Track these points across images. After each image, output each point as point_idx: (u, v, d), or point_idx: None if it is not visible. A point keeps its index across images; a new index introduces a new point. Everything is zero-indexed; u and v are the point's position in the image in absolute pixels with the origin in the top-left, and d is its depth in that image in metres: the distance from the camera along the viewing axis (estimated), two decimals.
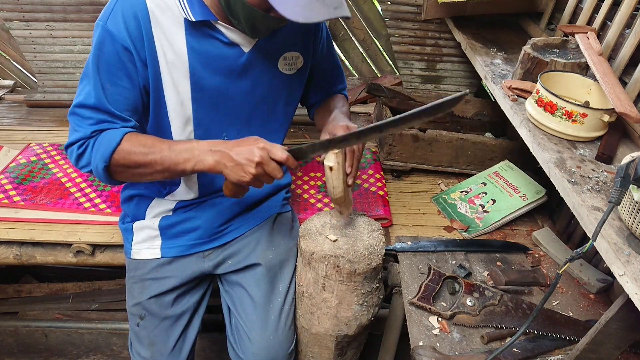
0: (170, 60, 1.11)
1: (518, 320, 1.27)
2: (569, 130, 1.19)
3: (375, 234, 1.31)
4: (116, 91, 1.09)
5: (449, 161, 1.82)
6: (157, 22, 1.08)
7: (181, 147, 1.10)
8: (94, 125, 1.10)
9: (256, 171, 1.05)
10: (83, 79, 1.11)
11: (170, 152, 1.09)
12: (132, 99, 1.12)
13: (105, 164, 1.09)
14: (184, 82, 1.15)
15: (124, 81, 1.10)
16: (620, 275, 0.86)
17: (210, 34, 1.12)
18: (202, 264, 1.36)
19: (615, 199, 0.86)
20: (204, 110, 1.20)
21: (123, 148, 1.09)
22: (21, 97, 2.22)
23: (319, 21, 0.98)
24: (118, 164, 1.10)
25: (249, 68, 1.19)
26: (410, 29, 2.16)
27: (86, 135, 1.10)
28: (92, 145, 1.10)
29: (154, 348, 1.33)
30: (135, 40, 1.07)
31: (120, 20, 1.05)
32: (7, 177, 1.67)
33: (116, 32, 1.05)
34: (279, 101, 1.31)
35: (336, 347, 1.38)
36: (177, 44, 1.11)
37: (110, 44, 1.06)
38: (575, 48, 1.39)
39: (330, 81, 1.47)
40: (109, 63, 1.08)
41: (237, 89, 1.21)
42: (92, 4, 1.98)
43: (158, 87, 1.14)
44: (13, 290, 2.07)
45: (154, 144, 1.10)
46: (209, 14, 1.09)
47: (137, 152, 1.09)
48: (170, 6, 1.08)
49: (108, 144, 1.08)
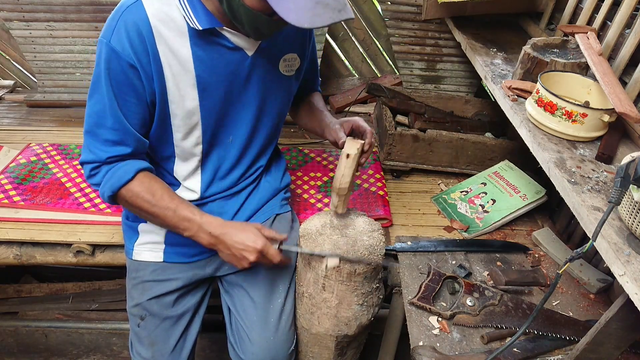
0: (176, 72, 1.12)
1: (518, 320, 1.27)
2: (569, 130, 1.19)
3: (375, 234, 1.31)
4: (126, 107, 1.11)
5: (449, 161, 1.82)
6: (161, 36, 1.08)
7: (184, 215, 1.16)
8: (110, 148, 1.13)
9: (250, 266, 1.18)
10: (93, 95, 1.12)
11: (174, 216, 1.15)
12: (141, 114, 1.14)
13: (111, 194, 1.14)
14: (192, 91, 1.15)
15: (131, 97, 1.11)
16: (620, 275, 0.86)
17: (215, 41, 1.12)
18: (204, 269, 1.36)
19: (615, 199, 0.86)
20: (211, 116, 1.21)
21: (132, 188, 1.14)
22: (21, 97, 2.23)
23: (323, 26, 0.97)
24: (123, 199, 1.16)
25: (253, 71, 1.20)
26: (410, 29, 2.16)
27: (101, 159, 1.14)
28: (105, 172, 1.14)
29: (155, 348, 1.33)
30: (140, 56, 1.07)
31: (124, 37, 1.05)
32: (7, 177, 1.66)
33: (121, 50, 1.06)
34: (279, 102, 1.31)
35: (336, 347, 1.38)
36: (183, 55, 1.11)
37: (116, 62, 1.07)
38: (575, 48, 1.39)
39: (312, 78, 1.50)
40: (118, 81, 1.09)
41: (242, 92, 1.22)
42: (92, 4, 1.98)
43: (164, 99, 1.14)
44: (13, 290, 2.07)
45: (162, 198, 1.15)
46: (214, 21, 1.09)
47: (144, 200, 1.14)
48: (173, 18, 1.08)
49: (119, 178, 1.13)
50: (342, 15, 0.97)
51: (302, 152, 1.94)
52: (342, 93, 2.32)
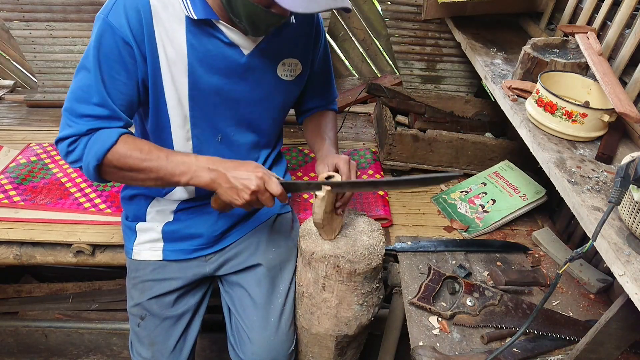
0: (170, 57, 1.11)
1: (518, 320, 1.27)
2: (569, 130, 1.19)
3: (375, 234, 1.31)
4: (113, 85, 1.09)
5: (449, 161, 1.82)
6: (159, 18, 1.08)
7: (179, 159, 1.11)
8: (90, 122, 1.08)
9: (250, 198, 1.09)
10: (80, 70, 1.09)
11: (168, 162, 1.10)
12: (128, 94, 1.11)
13: (97, 163, 1.08)
14: (182, 79, 1.14)
15: (121, 75, 1.09)
16: (620, 275, 0.86)
17: (210, 33, 1.12)
18: (204, 267, 1.36)
19: (615, 199, 0.86)
20: (200, 109, 1.20)
21: (118, 150, 1.08)
22: (21, 97, 2.23)
23: (319, 11, 0.97)
24: (111, 165, 1.10)
25: (248, 71, 1.19)
26: (410, 29, 2.16)
27: (80, 132, 1.08)
28: (86, 142, 1.09)
29: (155, 348, 1.33)
30: (136, 34, 1.06)
31: (122, 13, 1.05)
32: (7, 177, 1.67)
33: (117, 25, 1.05)
34: (275, 106, 1.30)
35: (336, 347, 1.38)
36: (178, 41, 1.11)
37: (110, 37, 1.06)
38: (575, 48, 1.39)
39: (325, 89, 1.48)
40: (108, 56, 1.07)
41: (234, 90, 1.21)
42: (92, 4, 1.99)
43: (157, 82, 1.13)
44: (13, 290, 2.07)
45: (151, 151, 1.10)
46: (210, 13, 1.09)
47: (133, 157, 1.09)
48: (172, 2, 1.08)
49: (103, 143, 1.07)
50: (338, 2, 0.97)
51: (302, 152, 1.94)
52: (342, 93, 2.33)
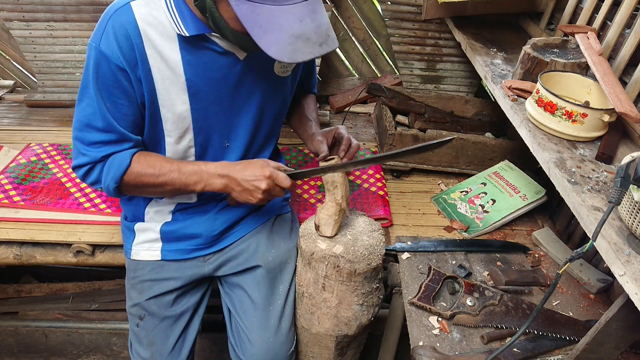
0: (165, 76, 1.12)
1: (518, 320, 1.27)
2: (569, 130, 1.19)
3: (375, 234, 1.31)
4: (116, 109, 1.12)
5: (449, 161, 1.81)
6: (149, 39, 1.08)
7: (190, 170, 1.17)
8: (102, 148, 1.14)
9: (263, 196, 1.16)
10: (82, 99, 1.13)
11: (180, 174, 1.16)
12: (132, 115, 1.15)
13: (116, 185, 1.15)
14: (182, 95, 1.15)
15: (122, 99, 1.12)
16: (620, 275, 0.86)
17: (205, 46, 1.12)
18: (203, 267, 1.36)
19: (615, 199, 0.86)
20: (204, 120, 1.21)
21: (133, 170, 1.15)
22: (21, 97, 2.23)
23: (303, 60, 0.99)
24: (129, 185, 1.17)
25: (246, 75, 1.19)
26: (410, 29, 2.16)
27: (95, 159, 1.14)
28: (101, 168, 1.15)
29: (154, 348, 1.33)
30: (129, 60, 1.07)
31: (113, 41, 1.06)
32: (7, 177, 1.67)
33: (110, 53, 1.06)
34: (276, 104, 1.31)
35: (336, 347, 1.38)
36: (172, 59, 1.11)
37: (105, 66, 1.07)
38: (575, 48, 1.39)
39: (308, 78, 1.49)
40: (107, 83, 1.09)
41: (235, 96, 1.21)
42: (92, 4, 1.98)
43: (154, 102, 1.15)
44: (13, 290, 2.07)
45: (162, 165, 1.16)
46: (202, 27, 1.08)
47: (148, 174, 1.15)
48: (162, 22, 1.08)
49: (118, 167, 1.14)
50: (322, 49, 0.99)
51: (302, 152, 1.94)
52: (342, 93, 2.33)
